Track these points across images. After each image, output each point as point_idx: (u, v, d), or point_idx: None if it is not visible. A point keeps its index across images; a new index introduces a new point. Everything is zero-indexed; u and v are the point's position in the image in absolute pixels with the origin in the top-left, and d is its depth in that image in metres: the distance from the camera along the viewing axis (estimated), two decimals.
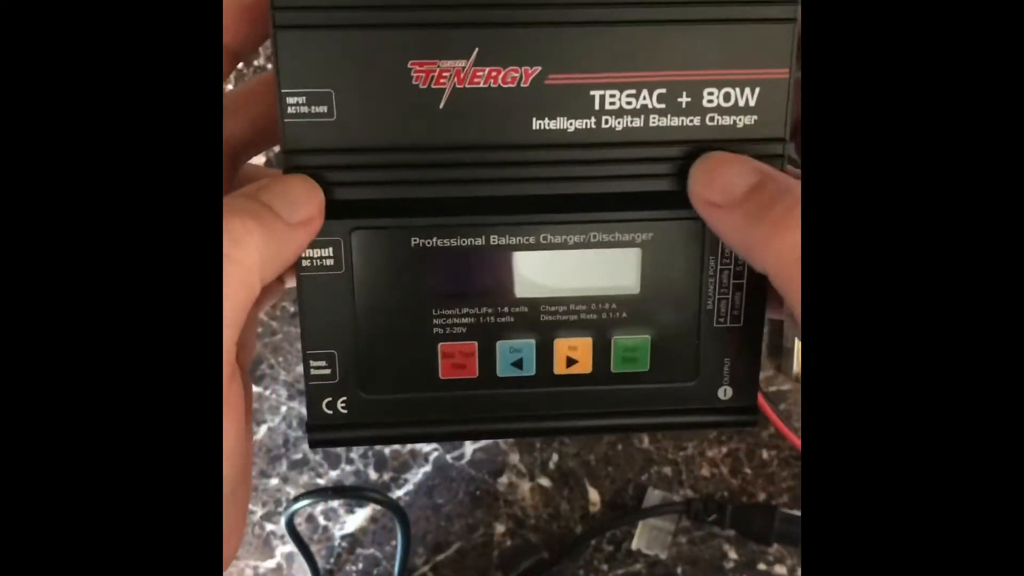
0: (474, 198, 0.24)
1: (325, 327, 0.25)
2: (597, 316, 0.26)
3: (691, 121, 0.24)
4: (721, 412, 0.27)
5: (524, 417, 0.26)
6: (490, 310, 0.26)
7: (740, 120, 0.24)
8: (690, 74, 0.24)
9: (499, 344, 0.26)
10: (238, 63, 0.26)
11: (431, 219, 0.25)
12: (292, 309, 0.45)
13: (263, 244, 0.21)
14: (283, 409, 0.45)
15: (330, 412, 0.26)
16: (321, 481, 0.46)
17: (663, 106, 0.24)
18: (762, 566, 0.46)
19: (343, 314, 0.25)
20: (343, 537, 0.47)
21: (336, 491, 0.46)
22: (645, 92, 0.24)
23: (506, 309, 0.26)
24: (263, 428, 0.46)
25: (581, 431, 0.27)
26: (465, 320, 0.26)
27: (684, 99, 0.24)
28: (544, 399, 0.26)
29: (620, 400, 0.26)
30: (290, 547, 0.46)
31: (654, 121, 0.24)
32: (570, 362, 0.26)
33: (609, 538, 0.46)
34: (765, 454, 0.46)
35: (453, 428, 0.26)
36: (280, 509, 0.46)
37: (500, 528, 0.47)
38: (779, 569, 0.46)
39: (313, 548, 0.46)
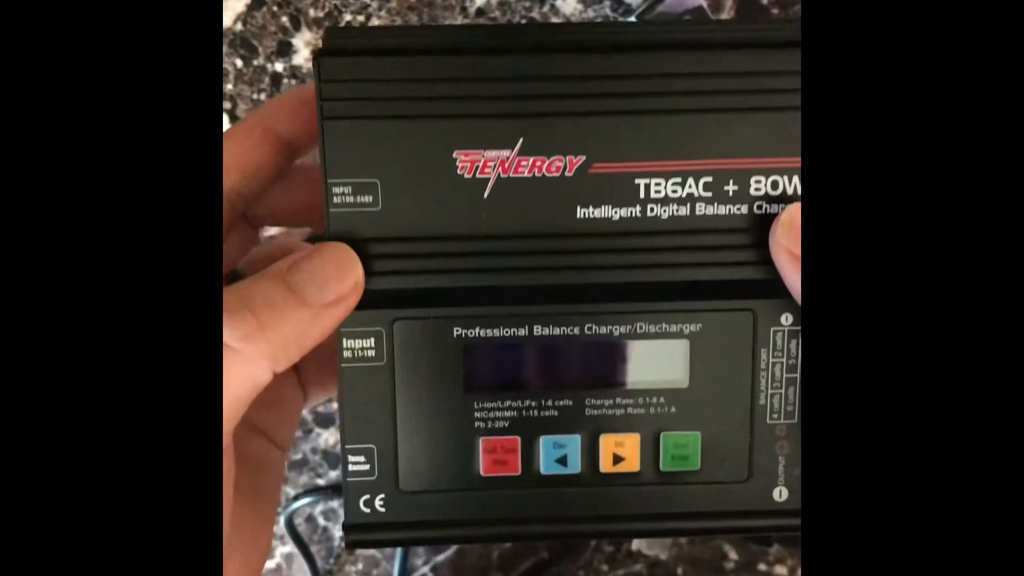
0: (518, 287, 0.24)
1: (365, 421, 0.25)
2: (645, 411, 0.25)
3: (738, 209, 0.24)
4: (777, 515, 0.26)
5: (569, 519, 0.26)
6: (533, 403, 0.25)
7: None
8: (736, 162, 0.24)
9: (543, 439, 0.25)
10: (296, 156, 0.26)
11: (473, 309, 0.25)
12: None
13: (277, 336, 0.21)
14: None
15: (367, 511, 0.25)
16: (321, 481, 0.46)
17: (709, 194, 0.24)
18: (762, 566, 0.46)
19: (383, 407, 0.25)
20: (343, 537, 0.47)
21: (336, 490, 0.46)
22: (691, 180, 0.24)
23: (549, 402, 0.25)
24: None
25: (628, 534, 0.26)
26: (507, 413, 0.25)
27: (731, 187, 0.24)
28: (589, 499, 0.26)
29: (669, 501, 0.26)
30: (290, 547, 0.46)
31: (700, 209, 0.24)
32: (617, 459, 0.25)
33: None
34: None
35: (495, 530, 0.26)
36: (280, 510, 0.46)
37: None
38: (779, 569, 0.46)
39: (313, 548, 0.46)
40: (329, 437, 0.46)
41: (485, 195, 0.24)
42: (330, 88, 0.23)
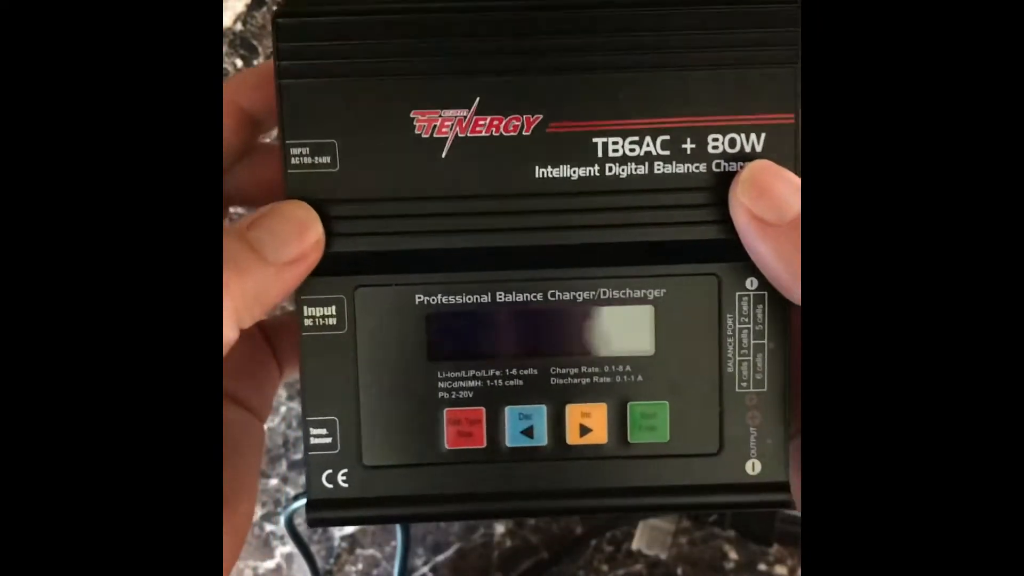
0: (480, 251, 0.24)
1: (326, 392, 0.25)
2: (611, 379, 0.25)
3: (697, 168, 0.24)
4: (751, 490, 0.25)
5: (536, 495, 0.25)
6: (497, 372, 0.25)
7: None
8: (693, 120, 0.24)
9: (508, 409, 0.25)
10: (260, 132, 0.27)
11: (435, 275, 0.24)
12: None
13: (240, 293, 0.21)
14: (283, 409, 0.45)
15: (330, 486, 0.25)
16: None
17: (667, 153, 0.24)
18: (762, 567, 0.46)
19: (345, 378, 0.25)
20: (343, 537, 0.47)
21: None
22: (648, 139, 0.24)
23: (514, 371, 0.25)
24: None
25: (597, 510, 0.26)
26: (471, 383, 0.25)
27: (688, 145, 0.24)
28: (557, 473, 0.25)
29: (638, 475, 0.25)
30: (290, 547, 0.46)
31: (659, 168, 0.24)
32: (584, 431, 0.25)
33: (609, 538, 0.46)
34: None
35: (461, 507, 0.25)
36: (280, 509, 0.46)
37: (500, 528, 0.47)
38: (779, 569, 0.46)
39: (313, 548, 0.46)
40: None
41: (443, 155, 0.24)
42: (287, 49, 0.23)
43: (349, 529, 0.47)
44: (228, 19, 0.40)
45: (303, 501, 0.45)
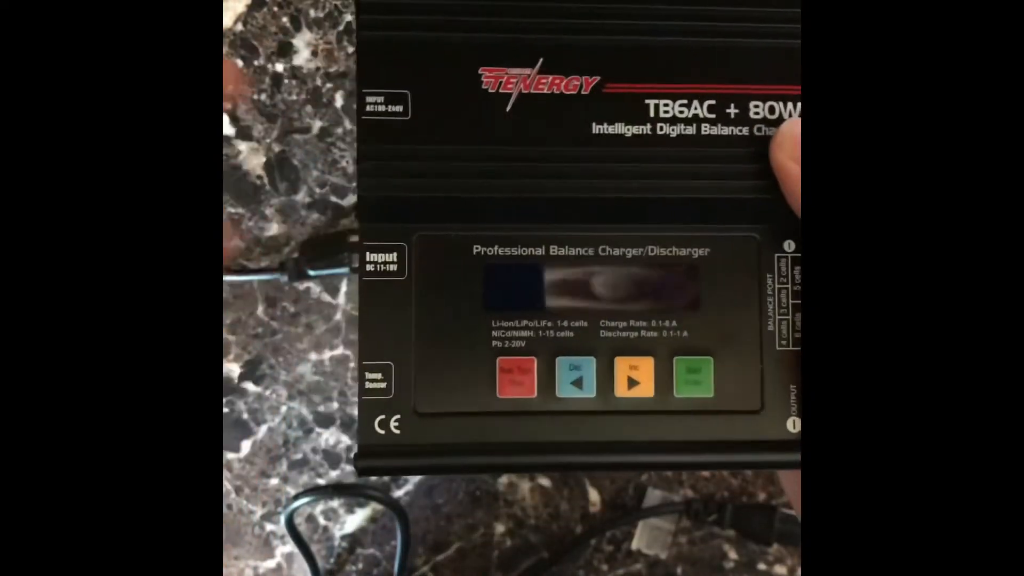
0: (537, 202, 0.26)
1: (383, 337, 0.25)
2: (658, 334, 0.26)
3: (740, 131, 0.26)
4: (792, 448, 0.25)
5: (586, 449, 0.26)
6: (549, 323, 0.26)
7: None
8: (736, 88, 0.26)
9: (559, 360, 0.26)
10: None
11: (493, 226, 0.26)
12: (292, 309, 0.45)
13: None
14: (283, 409, 0.46)
15: (382, 432, 0.25)
16: (321, 481, 0.46)
17: (713, 116, 0.26)
18: (762, 566, 0.46)
19: (402, 324, 0.25)
20: (343, 537, 0.47)
21: (336, 490, 0.46)
22: (696, 103, 0.26)
23: (565, 323, 0.26)
24: (263, 428, 0.46)
25: (645, 467, 0.26)
26: (524, 333, 0.26)
27: (732, 110, 0.26)
28: (605, 425, 0.26)
29: (683, 430, 0.26)
30: (290, 547, 0.46)
31: (705, 129, 0.26)
32: (632, 383, 0.26)
33: (609, 538, 0.47)
34: None
35: (510, 458, 0.26)
36: (280, 509, 0.46)
37: (500, 528, 0.47)
38: (779, 569, 0.46)
39: (313, 548, 0.46)
40: (329, 437, 0.46)
41: (507, 109, 0.25)
42: (368, 4, 0.25)
43: (349, 528, 0.47)
44: (228, 19, 0.40)
45: (303, 501, 0.45)
